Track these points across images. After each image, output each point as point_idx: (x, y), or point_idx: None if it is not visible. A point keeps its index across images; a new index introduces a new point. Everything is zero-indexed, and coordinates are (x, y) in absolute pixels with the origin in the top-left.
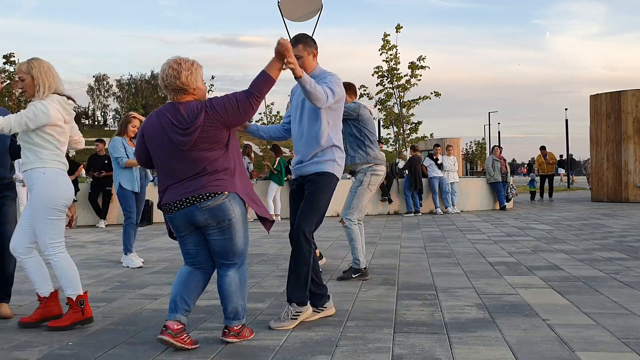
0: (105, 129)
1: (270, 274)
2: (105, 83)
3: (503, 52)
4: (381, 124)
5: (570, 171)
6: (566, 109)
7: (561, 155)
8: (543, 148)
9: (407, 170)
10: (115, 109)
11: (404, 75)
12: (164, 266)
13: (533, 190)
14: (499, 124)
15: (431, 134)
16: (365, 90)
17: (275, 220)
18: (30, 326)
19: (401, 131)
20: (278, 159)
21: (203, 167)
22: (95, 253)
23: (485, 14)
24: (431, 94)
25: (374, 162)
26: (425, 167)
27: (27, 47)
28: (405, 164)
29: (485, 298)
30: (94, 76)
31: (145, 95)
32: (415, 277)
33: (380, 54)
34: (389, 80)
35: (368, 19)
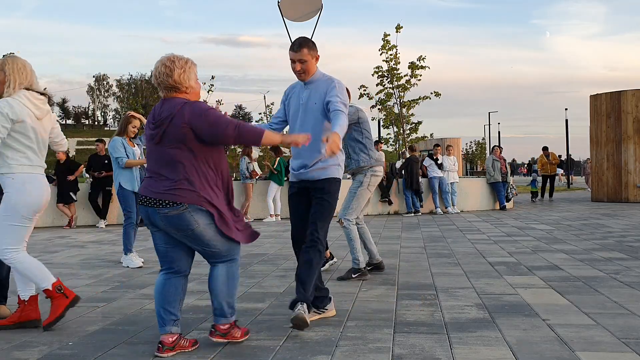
0: (105, 129)
1: (270, 274)
2: (105, 83)
3: (503, 52)
4: (381, 124)
5: (569, 171)
6: (566, 109)
7: (559, 156)
8: (545, 148)
9: (404, 170)
10: (115, 109)
11: (404, 75)
12: None
13: (535, 190)
14: (499, 124)
15: (431, 134)
16: (365, 90)
17: (276, 220)
18: (4, 328)
19: (401, 131)
20: (278, 159)
21: (169, 167)
22: (95, 253)
23: (485, 14)
24: (431, 94)
25: (375, 164)
26: (426, 167)
27: (27, 47)
28: (402, 164)
29: (485, 298)
30: (94, 76)
31: (145, 95)
32: (415, 277)
33: (380, 54)
34: (389, 80)
35: (368, 19)
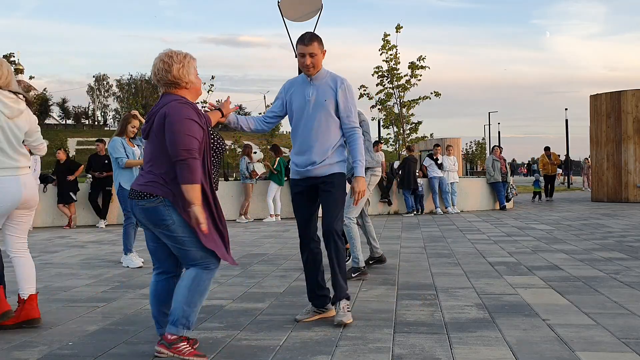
0: (105, 129)
1: (270, 274)
2: (105, 83)
3: (503, 52)
4: (381, 124)
5: (569, 171)
6: (566, 109)
7: (558, 155)
8: (547, 149)
9: (401, 170)
10: (115, 109)
11: (404, 75)
12: None
13: (537, 190)
14: (499, 124)
15: (431, 134)
16: (365, 90)
17: (276, 220)
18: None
19: (401, 131)
20: (278, 159)
21: (154, 162)
22: (95, 253)
23: (485, 14)
24: (431, 94)
25: (374, 165)
26: (426, 167)
27: (27, 47)
28: (399, 164)
29: (485, 298)
30: (94, 76)
31: (145, 95)
32: (415, 277)
33: (380, 54)
34: (389, 80)
35: (368, 19)
